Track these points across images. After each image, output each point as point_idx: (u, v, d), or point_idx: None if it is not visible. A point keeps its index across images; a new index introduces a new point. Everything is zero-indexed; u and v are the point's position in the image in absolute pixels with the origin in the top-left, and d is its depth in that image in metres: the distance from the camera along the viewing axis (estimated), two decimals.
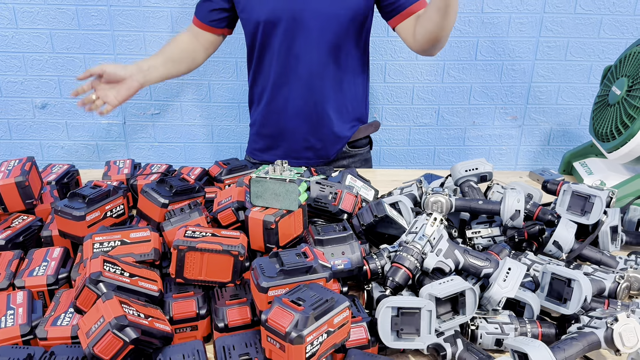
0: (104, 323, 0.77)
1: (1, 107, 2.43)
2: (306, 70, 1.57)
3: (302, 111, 1.63)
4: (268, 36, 1.55)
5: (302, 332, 0.72)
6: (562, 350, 0.85)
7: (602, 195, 1.19)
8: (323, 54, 1.55)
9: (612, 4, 2.32)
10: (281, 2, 1.49)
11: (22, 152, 2.50)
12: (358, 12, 1.53)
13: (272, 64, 1.60)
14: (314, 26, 1.51)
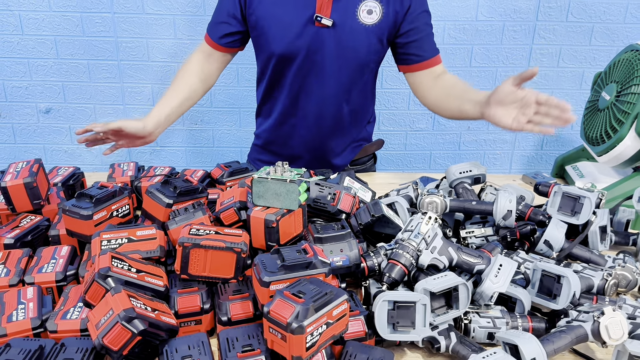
0: (113, 315, 0.80)
1: (6, 111, 2.46)
2: (315, 107, 1.56)
3: (306, 142, 1.63)
4: (281, 69, 1.53)
5: (303, 323, 0.75)
6: (551, 343, 0.88)
7: (591, 196, 1.22)
8: (334, 93, 1.54)
9: (603, 12, 2.37)
10: (299, 40, 1.46)
11: (26, 156, 2.54)
12: (373, 57, 1.53)
13: (282, 95, 1.58)
14: (328, 66, 1.50)
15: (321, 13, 1.42)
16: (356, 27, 1.45)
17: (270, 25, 1.47)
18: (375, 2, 1.45)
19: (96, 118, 2.47)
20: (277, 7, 1.45)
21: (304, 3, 1.43)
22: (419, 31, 1.50)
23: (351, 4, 1.44)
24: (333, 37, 1.45)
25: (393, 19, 1.47)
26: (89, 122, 2.48)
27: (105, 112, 2.46)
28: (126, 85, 2.41)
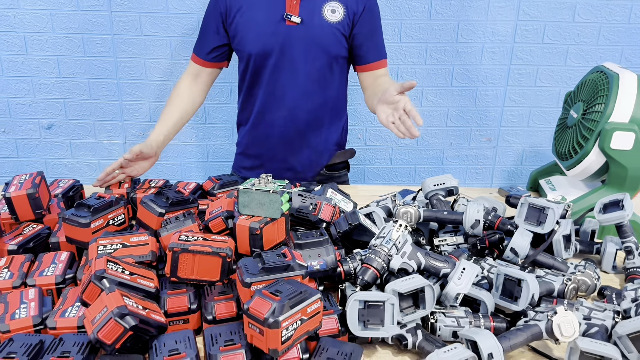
0: (107, 312, 0.86)
1: (9, 127, 2.53)
2: (290, 100, 1.68)
3: (284, 136, 1.73)
4: (259, 67, 1.66)
5: (278, 318, 0.82)
6: (507, 339, 0.95)
7: (555, 207, 1.29)
8: (307, 86, 1.66)
9: (577, 34, 2.47)
10: (272, 38, 1.60)
11: (28, 169, 2.59)
12: (340, 51, 1.66)
13: (260, 92, 1.70)
14: (300, 61, 1.63)
15: (290, 12, 1.58)
16: (322, 24, 1.61)
17: (246, 29, 1.62)
18: (338, 3, 1.62)
19: (95, 134, 2.54)
20: (251, 12, 1.61)
21: (274, 5, 1.59)
22: (366, 35, 1.66)
23: (317, 4, 1.60)
24: (302, 33, 1.60)
25: (351, 19, 1.63)
26: (89, 137, 2.54)
27: (105, 128, 2.54)
28: (125, 102, 2.49)
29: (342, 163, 1.88)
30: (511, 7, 2.41)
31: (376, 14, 1.69)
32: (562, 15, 2.44)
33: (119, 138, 2.55)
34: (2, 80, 2.44)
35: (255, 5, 1.61)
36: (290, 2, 1.58)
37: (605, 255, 1.34)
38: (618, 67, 1.60)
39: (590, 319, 1.06)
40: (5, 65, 2.41)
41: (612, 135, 1.46)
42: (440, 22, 2.42)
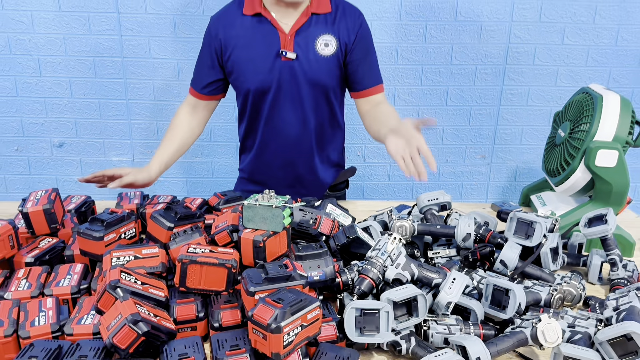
0: (122, 319, 0.92)
1: (23, 145, 2.60)
2: (292, 130, 1.70)
3: (289, 163, 1.76)
4: (258, 102, 1.68)
5: (280, 324, 0.87)
6: (494, 345, 1.00)
7: (542, 221, 1.34)
8: (305, 116, 1.69)
9: (566, 56, 2.55)
10: (269, 74, 1.62)
11: (39, 186, 2.64)
12: (335, 82, 1.68)
13: (261, 125, 1.72)
14: (298, 93, 1.65)
15: (285, 49, 1.60)
16: (317, 58, 1.62)
17: (244, 66, 1.64)
18: (331, 36, 1.62)
19: (105, 152, 2.61)
20: (247, 50, 1.62)
21: (269, 43, 1.61)
22: (360, 62, 1.67)
23: (310, 39, 1.61)
24: (298, 68, 1.62)
25: (344, 50, 1.65)
26: (99, 155, 2.62)
27: (114, 146, 2.61)
28: (133, 121, 2.57)
29: (344, 182, 1.93)
30: (502, 30, 2.49)
31: (369, 40, 1.70)
32: (551, 38, 2.52)
33: (127, 156, 2.62)
34: (16, 101, 2.52)
35: (251, 43, 1.62)
36: (284, 39, 1.60)
37: (591, 267, 1.39)
38: (602, 89, 1.66)
39: (574, 327, 1.10)
40: (20, 87, 2.49)
41: (596, 153, 1.52)
42: (435, 46, 2.50)
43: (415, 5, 2.43)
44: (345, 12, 1.65)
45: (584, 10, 2.48)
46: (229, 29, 1.63)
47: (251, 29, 1.62)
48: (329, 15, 1.63)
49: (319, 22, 1.62)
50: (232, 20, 1.64)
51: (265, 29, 1.61)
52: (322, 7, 1.62)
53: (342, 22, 1.64)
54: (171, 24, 2.41)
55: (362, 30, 1.66)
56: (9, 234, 1.24)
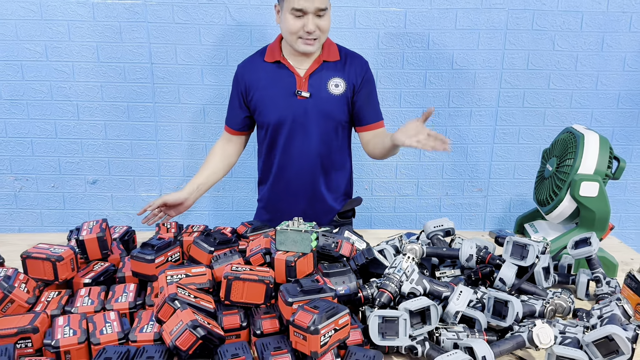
0: (183, 325, 1.05)
1: (59, 182, 2.75)
2: (304, 161, 1.87)
3: (300, 191, 1.93)
4: (276, 134, 1.86)
5: (318, 327, 1.01)
6: (497, 346, 1.14)
7: (534, 244, 1.48)
8: (317, 147, 1.86)
9: (552, 99, 2.72)
10: (286, 110, 1.81)
11: (72, 220, 2.79)
12: (344, 117, 1.87)
13: (277, 155, 1.89)
14: (311, 127, 1.83)
15: (300, 89, 1.80)
16: (328, 97, 1.83)
17: (265, 103, 1.85)
18: (340, 79, 1.83)
19: (135, 188, 2.77)
20: (268, 90, 1.83)
21: (287, 84, 1.81)
22: (364, 102, 1.86)
23: (323, 81, 1.82)
24: (312, 105, 1.82)
25: (352, 90, 1.85)
26: (129, 190, 2.76)
27: (143, 182, 2.76)
28: (162, 160, 2.73)
29: (351, 210, 2.09)
30: (494, 77, 2.68)
31: (372, 84, 1.89)
32: (538, 84, 2.69)
33: (155, 191, 2.77)
34: (55, 142, 2.68)
35: (270, 84, 1.82)
36: (299, 81, 1.80)
37: (579, 285, 1.53)
38: (584, 128, 1.83)
39: (565, 333, 1.23)
40: (59, 129, 2.66)
41: (580, 185, 1.67)
42: (433, 90, 2.68)
43: (416, 55, 2.62)
44: (353, 61, 1.86)
45: (567, 59, 2.67)
46: (253, 74, 1.85)
47: (272, 72, 1.84)
48: (339, 62, 1.85)
49: (329, 67, 1.84)
50: (256, 66, 1.86)
51: (283, 73, 1.83)
52: (332, 56, 1.84)
53: (351, 67, 1.85)
54: (199, 73, 2.60)
55: (367, 75, 1.87)
56: (71, 257, 1.38)
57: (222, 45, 2.57)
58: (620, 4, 2.61)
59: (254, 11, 2.53)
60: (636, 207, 2.93)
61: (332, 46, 1.86)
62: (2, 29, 2.51)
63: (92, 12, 2.51)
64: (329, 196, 1.97)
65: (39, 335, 1.13)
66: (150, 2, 2.50)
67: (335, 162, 1.94)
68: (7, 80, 2.58)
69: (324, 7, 1.69)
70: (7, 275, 1.31)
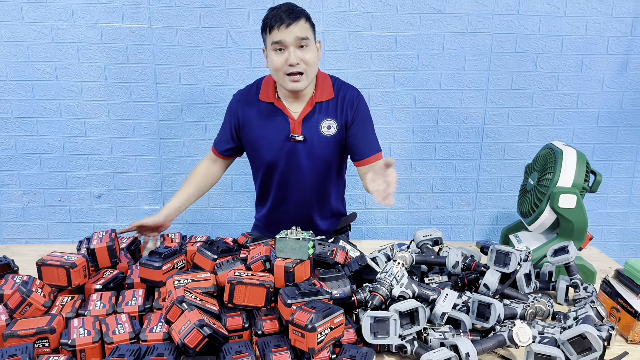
0: (190, 324, 1.12)
1: (65, 196, 2.82)
2: (299, 194, 1.92)
3: (296, 219, 1.94)
4: (270, 172, 1.91)
5: (315, 325, 1.08)
6: (480, 344, 1.21)
7: (516, 252, 1.56)
8: (311, 183, 1.91)
9: (535, 117, 2.82)
10: (280, 152, 1.85)
11: (78, 233, 2.85)
12: (336, 156, 1.89)
13: (273, 190, 1.95)
14: (304, 166, 1.87)
15: (294, 133, 1.82)
16: (320, 138, 1.83)
17: (259, 144, 1.86)
18: (332, 120, 1.83)
19: (138, 202, 2.84)
20: (261, 131, 1.84)
21: (281, 127, 1.83)
22: (359, 136, 1.84)
23: (315, 124, 1.82)
24: (305, 147, 1.84)
25: (344, 126, 1.85)
26: (133, 204, 2.83)
27: (146, 196, 2.83)
28: (165, 175, 2.80)
29: (346, 227, 2.16)
30: (480, 96, 2.78)
31: (366, 115, 1.86)
32: (522, 103, 2.80)
33: (158, 205, 2.83)
34: (62, 158, 2.76)
35: (264, 125, 1.84)
36: (293, 124, 1.81)
37: (558, 290, 1.60)
38: (563, 145, 1.92)
39: (543, 333, 1.31)
40: (67, 146, 2.74)
41: (559, 197, 1.74)
42: (423, 109, 2.77)
43: (406, 76, 2.73)
44: (345, 96, 1.84)
45: (548, 80, 2.78)
46: (248, 110, 1.87)
47: (266, 113, 1.84)
48: (332, 101, 1.83)
49: (321, 109, 1.83)
50: (251, 103, 1.87)
51: (278, 116, 1.83)
52: (325, 95, 1.83)
53: (342, 106, 1.83)
54: (201, 93, 2.69)
55: (359, 106, 1.85)
56: (83, 265, 1.45)
57: (224, 66, 2.67)
58: (598, 29, 2.73)
59: (253, 35, 2.64)
60: (617, 219, 3.02)
61: (325, 82, 1.84)
62: (15, 50, 2.60)
63: (100, 35, 2.61)
64: (322, 224, 2.03)
65: (55, 336, 1.19)
66: (155, 26, 2.60)
67: (330, 191, 1.98)
68: (18, 99, 2.67)
69: (304, 36, 1.66)
70: (25, 281, 1.37)
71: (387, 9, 2.64)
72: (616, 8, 2.71)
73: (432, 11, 2.65)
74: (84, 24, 2.59)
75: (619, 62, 2.78)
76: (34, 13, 2.57)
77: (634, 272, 1.46)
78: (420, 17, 2.65)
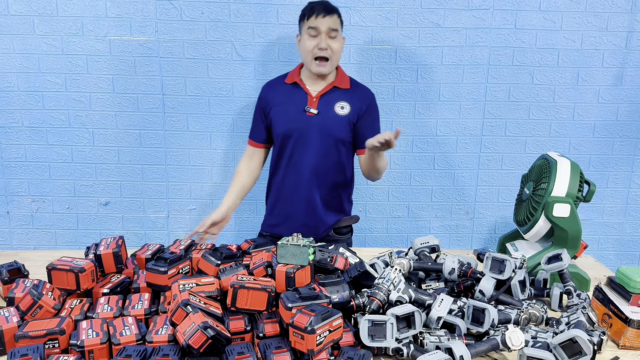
0: (195, 326, 1.16)
1: (73, 204, 2.86)
2: (306, 171, 2.07)
3: (301, 199, 2.11)
4: (283, 145, 2.08)
5: (314, 327, 1.12)
6: (474, 347, 1.24)
7: (511, 260, 1.60)
8: (319, 161, 2.06)
9: (532, 129, 2.87)
10: (294, 124, 2.04)
11: (85, 240, 2.89)
12: (346, 135, 2.07)
13: (284, 164, 2.11)
14: (315, 140, 2.04)
15: (310, 106, 2.03)
16: (333, 116, 2.04)
17: (277, 118, 2.08)
18: (346, 103, 2.06)
19: (144, 209, 2.88)
20: (282, 106, 2.07)
21: (299, 102, 2.05)
22: (367, 126, 2.07)
23: (330, 102, 2.05)
24: (318, 121, 2.04)
25: (357, 114, 2.06)
26: (138, 212, 2.87)
27: (152, 204, 2.87)
28: (170, 183, 2.85)
29: (347, 227, 2.21)
30: (478, 108, 2.82)
31: (376, 114, 2.13)
32: (519, 114, 2.84)
33: (163, 212, 2.88)
34: (71, 166, 2.81)
35: (285, 101, 2.07)
36: (310, 99, 2.04)
37: (552, 297, 1.64)
38: (557, 155, 1.96)
39: (536, 338, 1.34)
40: (75, 155, 2.79)
41: (553, 206, 1.78)
42: (422, 120, 2.82)
43: (406, 88, 2.78)
44: (362, 91, 2.11)
45: (545, 92, 2.83)
46: (273, 92, 2.11)
47: (289, 92, 2.08)
48: (348, 90, 2.08)
49: (339, 92, 2.07)
50: (277, 87, 2.11)
51: (298, 92, 2.07)
52: (343, 84, 2.09)
53: (357, 96, 2.08)
54: (207, 104, 2.74)
55: (371, 104, 2.10)
56: (92, 269, 1.49)
57: (228, 78, 2.72)
58: (593, 42, 2.78)
59: (257, 48, 2.69)
60: (613, 229, 3.05)
61: (344, 76, 2.10)
62: (27, 62, 2.67)
63: (109, 48, 2.67)
64: (323, 209, 2.13)
65: (65, 337, 1.23)
66: (162, 39, 2.67)
67: (334, 177, 2.11)
68: (28, 110, 2.73)
69: (335, 27, 1.96)
70: (35, 284, 1.42)
71: (387, 23, 2.70)
72: (611, 22, 2.76)
73: (431, 25, 2.71)
74: (93, 37, 2.65)
75: (614, 75, 2.82)
76: (45, 26, 2.64)
77: (625, 279, 1.50)
78: (419, 31, 2.71)
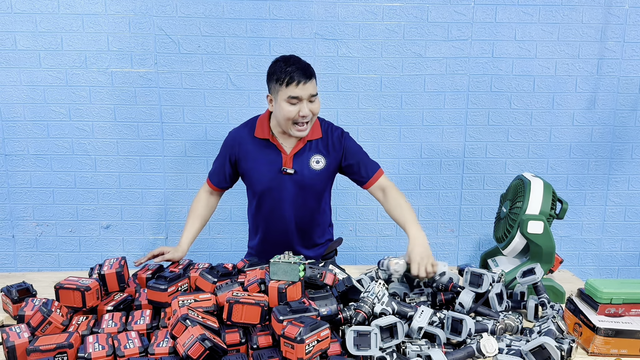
0: (194, 338, 1.23)
1: (75, 227, 2.93)
2: (288, 221, 2.05)
3: (286, 245, 2.05)
4: (263, 199, 2.04)
5: (304, 337, 1.20)
6: (451, 355, 1.32)
7: (488, 274, 1.68)
8: (298, 210, 2.04)
9: (512, 150, 2.98)
10: (273, 182, 1.98)
11: (87, 262, 2.95)
12: (323, 188, 2.04)
13: (265, 216, 2.07)
14: (293, 196, 2.00)
15: (285, 166, 1.98)
16: (309, 172, 1.99)
17: (254, 175, 2.01)
18: (320, 156, 1.99)
19: (144, 232, 2.96)
20: (257, 163, 1.99)
21: (274, 161, 1.98)
22: (355, 164, 2.01)
23: (305, 158, 1.98)
24: (295, 179, 1.99)
25: (335, 163, 2.02)
26: (138, 234, 2.95)
27: (151, 226, 2.95)
28: (169, 206, 2.93)
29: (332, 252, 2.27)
30: (459, 132, 2.93)
31: (354, 146, 2.03)
32: (498, 137, 2.95)
33: (162, 234, 2.95)
34: (74, 191, 2.89)
35: (260, 159, 1.99)
36: (285, 158, 1.97)
37: (528, 309, 1.71)
38: (532, 176, 2.06)
39: (510, 346, 1.42)
40: (78, 180, 2.87)
41: (528, 223, 1.88)
42: (408, 144, 2.93)
43: (391, 114, 2.89)
44: (333, 136, 2.01)
45: (522, 116, 2.95)
46: (243, 146, 2.02)
47: (261, 148, 1.99)
48: (321, 140, 2.00)
49: (312, 146, 1.99)
50: (246, 140, 2.02)
51: (272, 151, 1.98)
52: (315, 134, 1.99)
53: (331, 144, 2.00)
54: (203, 131, 2.85)
55: (346, 142, 2.02)
56: (97, 288, 1.57)
57: (224, 106, 2.84)
58: (567, 69, 2.92)
59: (251, 78, 2.81)
60: (592, 245, 3.15)
61: (315, 124, 2.00)
62: (33, 94, 2.77)
63: (110, 79, 2.78)
64: (312, 246, 2.16)
65: (73, 350, 1.30)
66: (161, 71, 2.78)
67: (317, 219, 2.12)
68: (34, 138, 2.82)
69: (315, 92, 1.87)
70: (44, 302, 1.49)
71: (373, 54, 2.83)
72: (582, 50, 2.90)
73: (414, 55, 2.84)
74: (95, 70, 2.77)
75: (587, 99, 2.96)
76: (51, 60, 2.75)
77: (592, 291, 1.59)
78: (402, 60, 2.84)
